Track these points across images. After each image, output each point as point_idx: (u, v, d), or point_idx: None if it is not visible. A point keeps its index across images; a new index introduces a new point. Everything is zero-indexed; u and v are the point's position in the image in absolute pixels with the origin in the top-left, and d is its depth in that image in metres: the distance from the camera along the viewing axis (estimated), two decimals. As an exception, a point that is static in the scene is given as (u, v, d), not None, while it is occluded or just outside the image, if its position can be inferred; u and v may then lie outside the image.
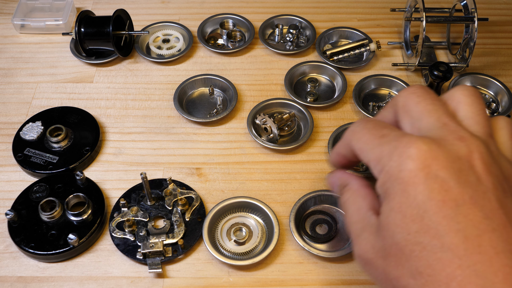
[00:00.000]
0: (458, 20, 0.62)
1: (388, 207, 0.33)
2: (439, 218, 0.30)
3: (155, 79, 0.64)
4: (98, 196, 0.52)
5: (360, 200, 0.38)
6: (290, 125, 0.58)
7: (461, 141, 0.33)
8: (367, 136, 0.36)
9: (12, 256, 0.49)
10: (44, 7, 0.71)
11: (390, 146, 0.34)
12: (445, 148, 0.32)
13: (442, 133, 0.33)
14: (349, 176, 0.41)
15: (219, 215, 0.51)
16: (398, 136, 0.34)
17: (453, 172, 0.31)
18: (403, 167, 0.32)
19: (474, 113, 0.35)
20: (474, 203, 0.30)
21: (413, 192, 0.31)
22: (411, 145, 0.32)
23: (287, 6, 0.73)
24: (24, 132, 0.57)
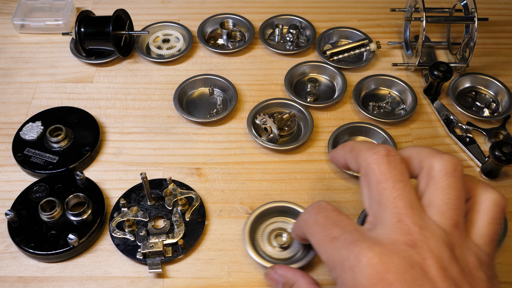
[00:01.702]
0: (458, 20, 0.62)
1: None
2: None
3: (155, 79, 0.64)
4: (98, 196, 0.52)
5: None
6: (290, 125, 0.58)
7: (412, 247, 0.32)
8: (318, 235, 0.36)
9: (12, 256, 0.49)
10: (44, 7, 0.71)
11: (341, 255, 0.33)
12: (397, 256, 0.31)
13: (395, 235, 0.32)
14: (293, 273, 0.40)
15: (259, 219, 0.50)
16: (348, 243, 0.33)
17: (406, 285, 0.30)
18: (357, 282, 0.32)
19: (443, 201, 0.34)
20: None
21: None
22: (361, 258, 0.32)
23: (287, 6, 0.73)
24: (24, 132, 0.57)
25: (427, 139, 0.58)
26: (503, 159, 0.50)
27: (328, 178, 0.55)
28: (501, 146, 0.51)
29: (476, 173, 0.55)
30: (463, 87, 0.63)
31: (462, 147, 0.57)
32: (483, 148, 0.57)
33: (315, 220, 0.37)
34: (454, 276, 0.31)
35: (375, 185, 0.35)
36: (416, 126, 0.59)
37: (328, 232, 0.35)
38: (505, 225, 0.49)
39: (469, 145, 0.57)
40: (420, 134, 0.59)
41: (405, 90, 0.62)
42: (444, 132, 0.59)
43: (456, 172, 0.35)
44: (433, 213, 0.34)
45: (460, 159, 0.56)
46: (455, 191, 0.34)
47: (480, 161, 0.55)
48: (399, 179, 0.34)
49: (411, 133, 0.59)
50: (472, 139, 0.57)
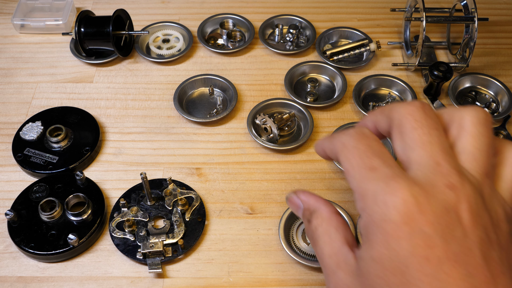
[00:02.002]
0: (458, 20, 0.62)
1: (369, 255, 0.32)
2: (421, 275, 0.30)
3: (155, 79, 0.64)
4: (98, 196, 0.52)
5: (333, 231, 0.36)
6: (290, 125, 0.58)
7: (450, 189, 0.31)
8: (356, 160, 0.35)
9: (12, 256, 0.49)
10: (44, 7, 0.71)
11: (376, 186, 0.32)
12: (434, 199, 0.31)
13: (433, 176, 0.32)
14: (316, 200, 0.39)
15: (293, 215, 0.50)
16: (387, 176, 0.32)
17: (439, 228, 0.30)
18: (387, 217, 0.31)
19: (475, 147, 0.34)
20: (457, 261, 0.30)
21: (396, 246, 0.30)
22: (397, 194, 0.31)
23: (287, 6, 0.73)
24: (24, 132, 0.57)
25: (427, 139, 0.58)
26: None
27: (328, 178, 0.55)
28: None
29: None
30: (463, 87, 0.63)
31: (462, 147, 0.57)
32: (483, 148, 0.57)
33: (355, 145, 0.35)
34: (485, 224, 0.31)
35: (410, 132, 0.34)
36: (416, 126, 0.59)
37: (367, 161, 0.34)
38: (505, 225, 0.49)
39: (469, 145, 0.57)
40: (420, 134, 0.58)
41: (405, 90, 0.62)
42: (444, 132, 0.59)
43: (487, 121, 0.35)
44: (465, 159, 0.33)
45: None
46: (487, 138, 0.34)
47: (480, 161, 0.55)
48: (434, 127, 0.34)
49: (411, 133, 0.59)
50: (472, 139, 0.57)
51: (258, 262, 0.48)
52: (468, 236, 0.30)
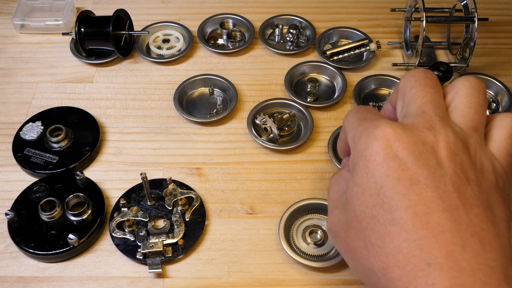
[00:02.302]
0: (458, 20, 0.62)
1: (352, 181, 0.35)
2: (393, 194, 0.32)
3: (155, 79, 0.64)
4: (98, 196, 0.52)
5: (342, 182, 0.39)
6: (290, 125, 0.58)
7: (429, 130, 0.34)
8: (352, 119, 0.38)
9: (12, 256, 0.49)
10: (44, 7, 0.71)
11: (363, 127, 0.36)
12: (412, 133, 0.33)
13: (416, 120, 0.35)
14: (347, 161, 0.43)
15: (294, 215, 0.51)
16: (373, 119, 0.36)
17: (412, 154, 0.33)
18: (368, 145, 0.34)
19: (465, 105, 0.36)
20: (428, 184, 0.32)
21: (373, 168, 0.33)
22: (378, 127, 0.34)
23: (287, 6, 0.73)
24: (24, 132, 0.57)
25: (427, 139, 0.58)
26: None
27: (328, 178, 0.55)
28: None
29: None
30: (463, 87, 0.63)
31: (462, 147, 0.57)
32: (483, 148, 0.57)
33: (355, 110, 0.40)
34: (462, 163, 0.33)
35: (409, 91, 0.37)
36: (416, 126, 0.59)
37: (361, 115, 0.38)
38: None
39: (469, 145, 0.57)
40: (420, 134, 0.58)
41: (405, 90, 0.61)
42: (444, 132, 0.59)
43: (480, 85, 0.37)
44: (455, 115, 0.36)
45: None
46: (477, 98, 0.36)
47: (480, 161, 0.55)
48: (431, 85, 0.37)
49: (411, 133, 0.59)
50: (472, 139, 0.57)
51: (258, 262, 0.48)
52: (442, 167, 0.33)
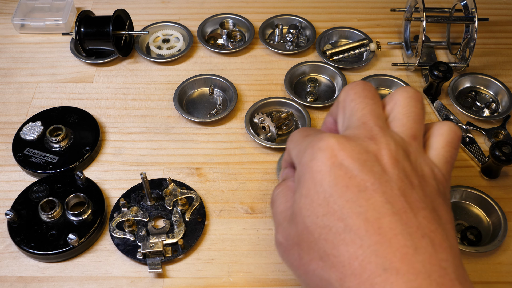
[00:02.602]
0: (458, 20, 0.62)
1: (299, 193, 0.35)
2: (343, 202, 0.32)
3: (155, 79, 0.64)
4: (98, 196, 0.52)
5: (290, 194, 0.39)
6: (288, 124, 0.58)
7: (371, 139, 0.34)
8: (296, 137, 0.39)
9: (12, 256, 0.49)
10: (44, 7, 0.71)
11: (307, 141, 0.36)
12: (355, 142, 0.34)
13: (358, 131, 0.36)
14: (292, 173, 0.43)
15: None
16: (317, 134, 0.36)
17: (357, 162, 0.33)
18: (313, 156, 0.34)
19: (404, 114, 0.37)
20: (375, 190, 0.32)
21: (320, 178, 0.33)
22: (322, 139, 0.35)
23: (287, 6, 0.73)
24: (24, 132, 0.57)
25: (427, 139, 0.58)
26: (503, 159, 0.50)
27: (328, 178, 0.55)
28: (501, 146, 0.51)
29: (476, 173, 0.55)
30: (463, 87, 0.63)
31: (462, 147, 0.57)
32: (483, 148, 0.57)
33: (298, 130, 0.40)
34: (405, 168, 0.34)
35: (349, 103, 0.38)
36: (416, 126, 0.59)
37: (304, 133, 0.39)
38: (505, 225, 0.49)
39: (469, 145, 0.57)
40: (420, 134, 0.58)
41: (405, 90, 0.61)
42: (444, 132, 0.59)
43: (417, 95, 0.38)
44: (395, 125, 0.37)
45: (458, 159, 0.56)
46: (415, 108, 0.37)
47: (480, 161, 0.55)
48: (369, 97, 0.38)
49: (411, 133, 0.59)
50: (472, 139, 0.57)
51: (258, 262, 0.48)
52: (386, 173, 0.33)
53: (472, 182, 0.54)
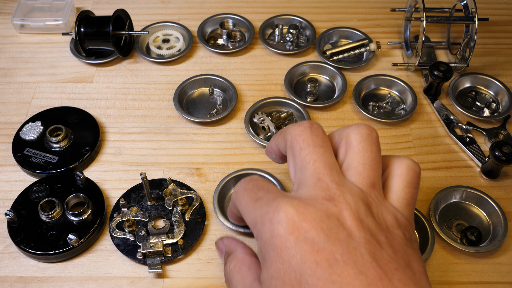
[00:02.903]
0: (458, 20, 0.62)
1: (268, 274, 0.33)
2: (315, 280, 0.31)
3: (155, 79, 0.64)
4: (98, 196, 0.52)
5: (245, 269, 0.38)
6: (288, 124, 0.58)
7: (329, 201, 0.33)
8: (246, 199, 0.37)
9: (12, 256, 0.49)
10: (44, 7, 0.71)
11: (262, 211, 0.34)
12: (314, 208, 0.32)
13: (314, 191, 0.34)
14: (235, 244, 0.42)
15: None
16: (270, 200, 0.34)
17: (322, 232, 0.31)
18: (274, 232, 0.32)
19: (359, 162, 0.36)
20: (346, 261, 0.31)
21: (287, 256, 0.32)
22: (279, 210, 0.33)
23: (287, 6, 0.73)
24: (23, 132, 0.57)
25: (427, 139, 0.58)
26: (503, 159, 0.50)
27: (328, 178, 0.55)
28: (501, 146, 0.51)
29: (476, 173, 0.55)
30: (463, 87, 0.63)
31: (462, 147, 0.57)
32: (483, 148, 0.57)
33: (244, 187, 0.38)
34: (370, 227, 0.33)
35: (298, 153, 0.36)
36: (416, 126, 0.59)
37: (253, 195, 0.37)
38: (505, 225, 0.49)
39: (469, 145, 0.57)
40: (420, 134, 0.59)
41: (405, 90, 0.62)
42: (444, 132, 0.59)
43: (371, 137, 0.37)
44: (351, 174, 0.36)
45: (458, 159, 0.56)
46: (370, 153, 0.36)
47: (480, 161, 0.55)
48: (319, 145, 0.36)
49: (411, 133, 0.59)
50: (472, 139, 0.57)
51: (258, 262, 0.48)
52: (353, 238, 0.32)
53: (472, 182, 0.54)
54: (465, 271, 0.48)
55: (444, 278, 0.47)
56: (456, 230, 0.51)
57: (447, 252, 0.49)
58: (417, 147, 0.57)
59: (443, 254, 0.49)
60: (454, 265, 0.48)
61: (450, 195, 0.52)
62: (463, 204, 0.52)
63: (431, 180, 0.54)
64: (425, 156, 0.56)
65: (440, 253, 0.49)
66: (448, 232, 0.50)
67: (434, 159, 0.56)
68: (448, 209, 0.52)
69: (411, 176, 0.37)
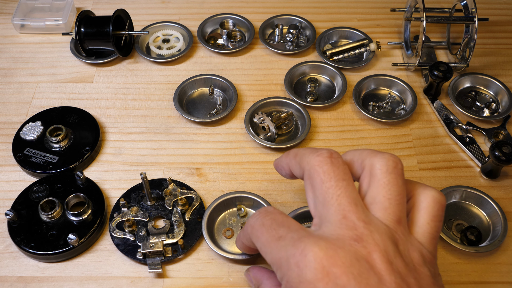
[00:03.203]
0: (458, 20, 0.62)
1: None
2: None
3: (155, 79, 0.64)
4: (98, 196, 0.52)
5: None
6: (288, 124, 0.58)
7: (358, 242, 0.32)
8: (265, 236, 0.36)
9: (12, 256, 0.49)
10: (44, 7, 0.71)
11: (287, 252, 0.33)
12: (343, 250, 0.31)
13: (340, 231, 0.33)
14: (261, 275, 0.42)
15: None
16: (295, 240, 0.33)
17: (352, 278, 0.30)
18: (302, 278, 0.31)
19: (385, 196, 0.35)
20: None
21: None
22: (307, 253, 0.32)
23: (287, 6, 0.73)
24: (24, 132, 0.57)
25: (427, 139, 0.58)
26: (503, 159, 0.50)
27: (328, 178, 0.55)
28: (501, 146, 0.51)
29: (476, 173, 0.55)
30: (463, 87, 0.63)
31: (462, 147, 0.57)
32: (483, 148, 0.57)
33: (261, 222, 0.37)
34: (399, 269, 0.32)
35: (319, 185, 0.35)
36: (416, 126, 0.59)
37: (274, 232, 0.35)
38: (505, 225, 0.49)
39: (469, 145, 0.57)
40: (420, 134, 0.59)
41: (405, 90, 0.62)
42: (444, 132, 0.59)
43: (397, 169, 0.35)
44: (376, 209, 0.34)
45: (458, 159, 0.56)
46: (396, 187, 0.35)
47: (480, 161, 0.55)
48: (342, 178, 0.35)
49: (411, 133, 0.59)
50: (472, 139, 0.57)
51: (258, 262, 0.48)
52: (384, 283, 0.31)
53: (472, 182, 0.54)
54: (465, 271, 0.48)
55: (444, 278, 0.47)
56: (456, 230, 0.51)
57: (447, 252, 0.49)
58: (417, 147, 0.57)
59: (443, 254, 0.49)
60: (454, 265, 0.48)
61: (450, 195, 0.52)
62: (463, 204, 0.52)
63: (431, 180, 0.54)
64: (425, 156, 0.56)
65: (440, 253, 0.49)
66: (448, 232, 0.50)
67: (434, 159, 0.56)
68: (448, 209, 0.52)
69: (437, 209, 0.36)
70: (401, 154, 0.57)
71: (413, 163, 0.56)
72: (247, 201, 0.51)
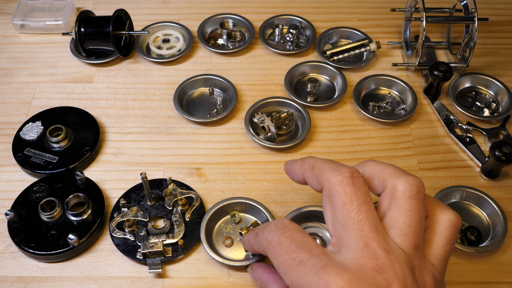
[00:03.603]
0: (458, 20, 0.62)
1: None
2: None
3: (155, 79, 0.64)
4: (98, 196, 0.52)
5: None
6: (288, 124, 0.58)
7: (379, 273, 0.32)
8: (284, 257, 0.35)
9: (12, 256, 0.49)
10: (44, 7, 0.71)
11: (308, 279, 0.33)
12: (365, 283, 0.32)
13: (362, 259, 0.33)
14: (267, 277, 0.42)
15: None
16: (317, 268, 0.33)
17: None
18: None
19: (405, 222, 0.34)
20: None
21: None
22: (331, 285, 0.32)
23: (287, 6, 0.73)
24: (24, 132, 0.57)
25: (427, 139, 0.58)
26: (503, 159, 0.50)
27: (328, 178, 0.55)
28: (501, 146, 0.51)
29: (476, 173, 0.55)
30: (463, 87, 0.63)
31: (462, 147, 0.57)
32: (483, 148, 0.57)
33: (279, 241, 0.36)
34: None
35: (340, 207, 0.35)
36: (416, 126, 0.59)
37: (294, 255, 0.35)
38: (505, 225, 0.49)
39: (469, 145, 0.57)
40: (420, 134, 0.59)
41: (405, 90, 0.62)
42: (444, 132, 0.59)
43: (420, 194, 0.35)
44: (396, 235, 0.35)
45: (458, 159, 0.56)
46: (417, 213, 0.35)
47: (480, 161, 0.55)
48: (364, 201, 0.35)
49: (411, 133, 0.59)
50: (472, 139, 0.57)
51: (258, 262, 0.48)
52: None
53: (472, 182, 0.54)
54: (465, 271, 0.48)
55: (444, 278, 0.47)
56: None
57: (447, 252, 0.49)
58: (417, 147, 0.57)
59: (443, 254, 0.49)
60: (454, 265, 0.48)
61: (450, 195, 0.52)
62: (463, 204, 0.52)
63: (431, 180, 0.54)
64: (425, 156, 0.56)
65: (440, 253, 0.49)
66: (448, 232, 0.50)
67: (434, 159, 0.56)
68: (448, 209, 0.52)
69: (452, 232, 0.36)
70: (401, 154, 0.57)
71: (413, 163, 0.56)
72: (239, 206, 0.51)
